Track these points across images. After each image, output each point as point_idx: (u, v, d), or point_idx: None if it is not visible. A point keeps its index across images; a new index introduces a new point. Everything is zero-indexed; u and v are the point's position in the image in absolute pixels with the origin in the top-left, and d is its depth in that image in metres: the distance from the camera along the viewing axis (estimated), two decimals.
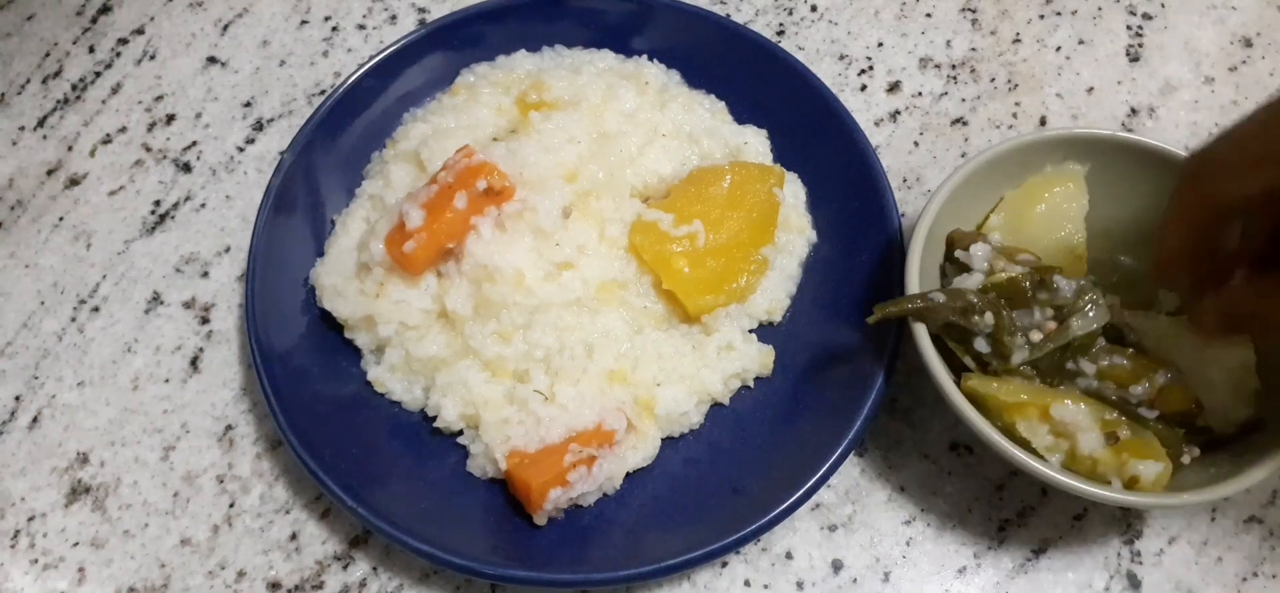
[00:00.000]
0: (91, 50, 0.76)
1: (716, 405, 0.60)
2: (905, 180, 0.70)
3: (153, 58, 0.76)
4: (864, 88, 0.73)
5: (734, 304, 0.60)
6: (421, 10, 0.78)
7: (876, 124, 0.72)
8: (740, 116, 0.68)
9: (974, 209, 0.58)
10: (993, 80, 0.73)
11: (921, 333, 0.53)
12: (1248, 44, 0.75)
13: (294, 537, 0.58)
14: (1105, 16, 0.76)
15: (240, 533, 0.58)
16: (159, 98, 0.74)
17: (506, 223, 0.59)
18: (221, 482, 0.60)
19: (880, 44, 0.75)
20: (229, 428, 0.62)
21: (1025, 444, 0.51)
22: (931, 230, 0.55)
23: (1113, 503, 0.50)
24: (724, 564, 0.57)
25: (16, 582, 0.58)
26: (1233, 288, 0.47)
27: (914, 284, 0.54)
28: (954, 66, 0.74)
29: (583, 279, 0.59)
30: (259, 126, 0.73)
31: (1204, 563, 0.57)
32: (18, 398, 0.63)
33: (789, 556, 0.57)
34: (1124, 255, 0.60)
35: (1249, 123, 0.43)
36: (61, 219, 0.69)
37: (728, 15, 0.73)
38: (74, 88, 0.75)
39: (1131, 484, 0.50)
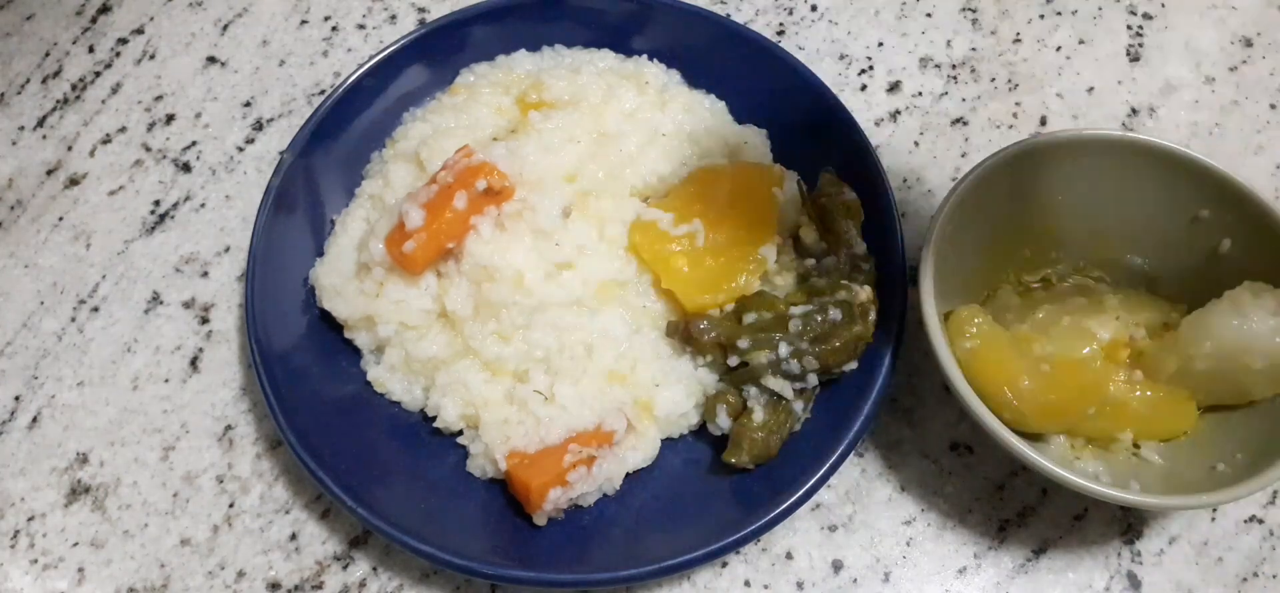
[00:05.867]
0: (91, 50, 0.76)
1: None
2: (905, 180, 0.69)
3: (152, 57, 0.76)
4: (864, 87, 0.73)
5: (733, 304, 0.60)
6: (421, 10, 0.77)
7: (877, 124, 0.72)
8: (740, 116, 0.68)
9: (976, 212, 0.58)
10: (993, 80, 0.73)
11: (932, 322, 0.53)
12: (1248, 44, 0.75)
13: (294, 537, 0.58)
14: (1105, 16, 0.76)
15: (240, 533, 0.58)
16: (159, 98, 0.74)
17: (506, 223, 0.59)
18: (221, 482, 0.60)
19: (880, 44, 0.75)
20: (228, 428, 0.62)
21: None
22: (940, 236, 0.55)
23: (1113, 502, 0.50)
24: (724, 564, 0.57)
25: (16, 582, 0.57)
26: None
27: (929, 293, 0.53)
28: (954, 66, 0.74)
29: (582, 279, 0.59)
30: (259, 126, 0.73)
31: (1204, 563, 0.57)
32: (17, 398, 0.63)
33: (789, 556, 0.57)
34: (1132, 255, 0.60)
35: None
36: (61, 219, 0.69)
37: (728, 15, 0.73)
38: (74, 88, 0.75)
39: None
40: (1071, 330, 0.57)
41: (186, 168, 0.71)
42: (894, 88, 0.73)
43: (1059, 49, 0.75)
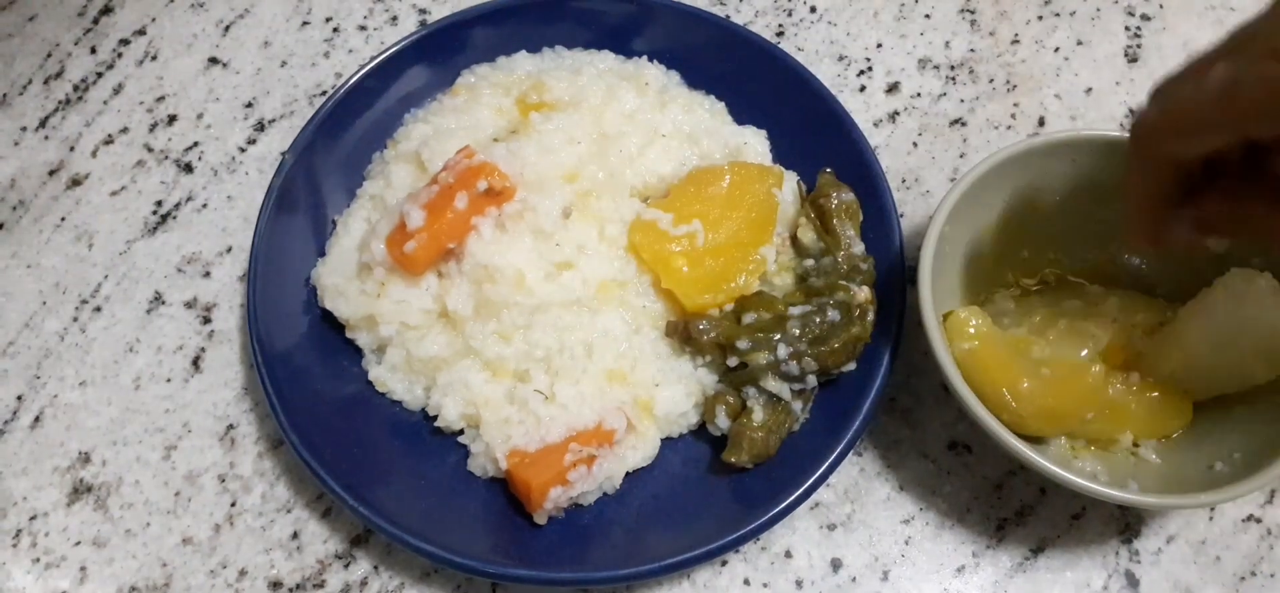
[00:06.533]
0: (93, 51, 0.76)
1: None
2: (904, 181, 0.70)
3: (154, 58, 0.76)
4: (863, 89, 0.74)
5: (732, 304, 0.61)
6: (422, 11, 0.78)
7: (875, 125, 0.72)
8: (740, 117, 0.68)
9: (974, 213, 0.58)
10: (991, 81, 0.74)
11: (931, 323, 0.53)
12: None
13: (295, 536, 0.59)
14: (1104, 17, 0.76)
15: (242, 532, 0.59)
16: (160, 98, 0.74)
17: (507, 223, 0.60)
18: (223, 481, 0.60)
19: (879, 45, 0.75)
20: (230, 427, 0.62)
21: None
22: (938, 237, 0.55)
23: (1111, 501, 0.50)
24: (723, 563, 0.57)
25: (18, 581, 0.58)
26: (1204, 205, 0.44)
27: (928, 294, 0.54)
28: (953, 67, 0.74)
29: (582, 279, 0.59)
30: (260, 127, 0.73)
31: (1202, 562, 0.57)
32: (20, 397, 0.63)
33: (788, 554, 0.58)
34: (1130, 255, 0.60)
35: (1195, 77, 0.40)
36: (63, 219, 0.69)
37: (727, 16, 0.73)
38: (76, 88, 0.75)
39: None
40: (1069, 333, 0.57)
41: (188, 168, 0.71)
42: (893, 89, 0.74)
43: (1057, 50, 0.75)
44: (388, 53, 0.68)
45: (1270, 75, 0.36)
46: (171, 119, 0.73)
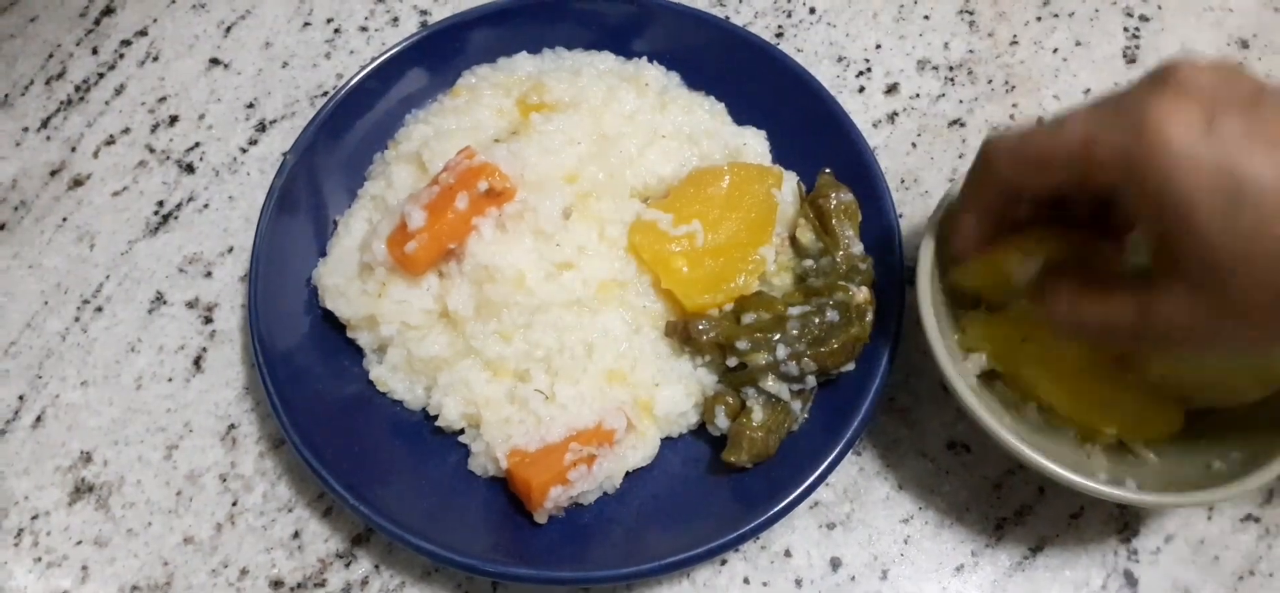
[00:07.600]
0: (95, 52, 0.77)
1: None
2: (903, 181, 0.70)
3: (156, 59, 0.76)
4: (862, 89, 0.74)
5: (731, 304, 0.61)
6: (423, 12, 0.78)
7: (874, 125, 0.72)
8: (739, 118, 0.68)
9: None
10: (990, 82, 0.74)
11: (929, 322, 0.53)
12: (1244, 45, 0.75)
13: (296, 535, 0.59)
14: (1102, 18, 0.77)
15: (243, 531, 0.59)
16: (162, 99, 0.75)
17: (507, 224, 0.60)
18: (224, 480, 0.60)
19: (878, 46, 0.76)
20: (232, 427, 0.62)
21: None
22: (937, 237, 0.55)
23: (1110, 500, 0.50)
24: (723, 562, 0.58)
25: (20, 580, 0.58)
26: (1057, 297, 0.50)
27: (926, 294, 0.54)
28: (952, 68, 0.74)
29: (583, 279, 0.60)
30: (262, 128, 0.73)
31: (1201, 562, 0.57)
32: (21, 397, 0.63)
33: (788, 553, 0.58)
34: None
35: (1053, 127, 0.46)
36: (65, 220, 0.70)
37: (727, 17, 0.73)
38: (77, 89, 0.75)
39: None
40: None
41: (190, 169, 0.72)
42: (892, 90, 0.74)
43: (1056, 51, 0.75)
44: (389, 54, 0.68)
45: (1121, 143, 0.42)
46: (173, 120, 0.74)
